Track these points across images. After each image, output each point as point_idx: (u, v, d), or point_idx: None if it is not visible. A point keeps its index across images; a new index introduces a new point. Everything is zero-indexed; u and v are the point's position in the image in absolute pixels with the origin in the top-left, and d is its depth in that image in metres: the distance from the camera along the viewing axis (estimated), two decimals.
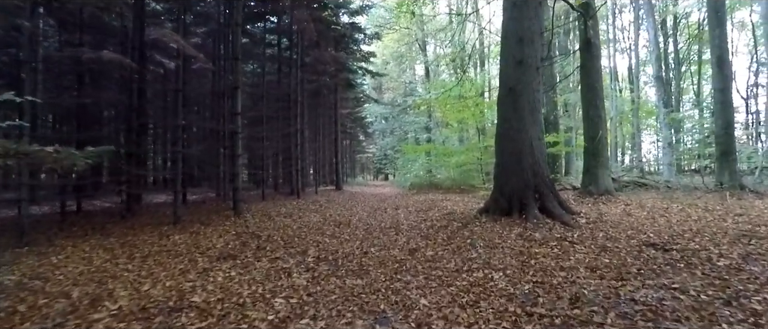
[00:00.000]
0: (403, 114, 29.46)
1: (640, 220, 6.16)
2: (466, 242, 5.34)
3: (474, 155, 15.86)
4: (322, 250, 5.35)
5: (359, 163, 43.53)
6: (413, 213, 8.92)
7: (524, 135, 6.36)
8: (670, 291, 3.15)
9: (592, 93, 9.04)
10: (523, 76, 6.47)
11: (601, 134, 8.84)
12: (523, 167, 6.29)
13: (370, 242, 5.81)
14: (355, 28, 18.08)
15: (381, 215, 8.92)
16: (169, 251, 5.46)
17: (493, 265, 4.22)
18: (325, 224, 7.62)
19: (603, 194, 8.63)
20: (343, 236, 6.37)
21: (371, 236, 6.28)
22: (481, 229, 5.93)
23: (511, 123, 6.49)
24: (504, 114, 6.63)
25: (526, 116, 6.40)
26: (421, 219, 7.74)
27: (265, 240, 6.14)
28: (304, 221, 8.12)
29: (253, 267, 4.54)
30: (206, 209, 10.10)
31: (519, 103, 6.44)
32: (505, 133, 6.56)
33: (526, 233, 5.45)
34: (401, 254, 5.01)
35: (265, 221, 8.08)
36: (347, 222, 7.82)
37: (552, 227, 5.62)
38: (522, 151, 6.32)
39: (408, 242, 5.70)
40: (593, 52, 9.04)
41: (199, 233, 6.81)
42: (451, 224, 6.69)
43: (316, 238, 6.26)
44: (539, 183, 6.23)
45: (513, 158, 6.38)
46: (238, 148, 8.56)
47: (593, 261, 4.15)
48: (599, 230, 5.47)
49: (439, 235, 5.96)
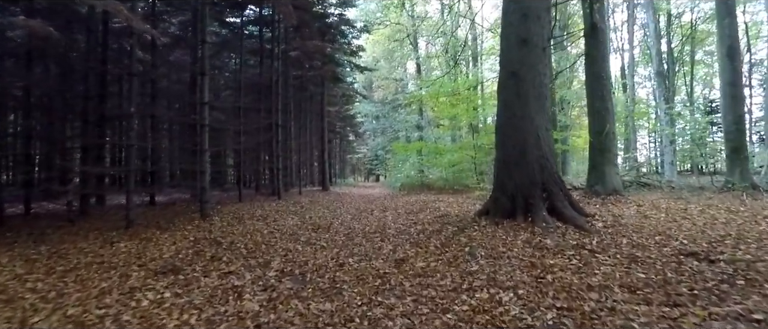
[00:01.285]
0: (394, 112, 28.56)
1: (661, 223, 5.34)
2: (463, 250, 4.45)
3: (467, 153, 15.03)
4: (289, 261, 4.40)
5: (350, 164, 42.51)
6: (402, 216, 8.02)
7: (529, 124, 5.50)
8: (750, 322, 2.30)
9: (598, 83, 8.26)
10: (527, 57, 5.63)
11: (608, 128, 8.06)
12: (528, 160, 5.44)
13: (349, 251, 4.88)
14: (344, 21, 17.15)
15: (366, 217, 8.00)
16: (102, 263, 4.46)
17: (499, 282, 3.33)
18: (302, 229, 6.67)
19: (611, 194, 7.84)
20: (319, 243, 5.43)
21: (352, 243, 5.35)
22: (481, 234, 5.05)
23: (513, 111, 5.63)
24: (506, 101, 5.78)
25: (531, 102, 5.55)
26: (410, 222, 6.84)
27: (225, 248, 5.17)
28: (278, 224, 7.16)
29: (196, 285, 3.58)
30: (172, 212, 9.05)
31: (523, 88, 5.59)
32: (508, 123, 5.70)
33: (534, 240, 4.58)
34: (385, 266, 4.09)
35: (233, 224, 7.09)
36: (327, 226, 6.88)
37: (565, 233, 4.76)
38: (527, 142, 5.47)
39: (394, 250, 4.79)
40: (599, 39, 8.27)
41: (151, 239, 5.80)
42: (445, 228, 5.80)
43: (286, 245, 5.31)
44: (547, 180, 5.38)
45: (516, 151, 5.53)
46: (205, 142, 7.56)
47: (625, 276, 3.29)
48: (621, 235, 4.62)
49: (431, 242, 5.07)
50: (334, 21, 16.26)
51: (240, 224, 7.18)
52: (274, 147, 12.70)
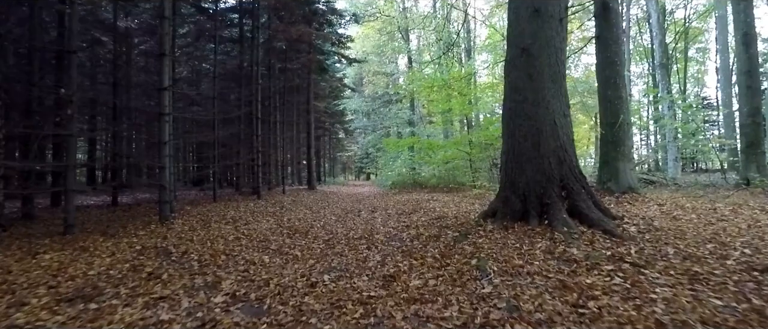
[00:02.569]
0: (384, 107, 27.59)
1: (700, 227, 4.51)
2: (469, 263, 3.54)
3: (462, 149, 14.17)
4: (247, 280, 3.43)
5: (340, 162, 41.44)
6: (393, 217, 7.09)
7: (544, 110, 4.62)
8: None
9: (610, 69, 7.44)
10: (541, 30, 4.74)
11: (622, 118, 7.24)
12: (543, 153, 4.55)
13: (327, 263, 3.93)
14: (331, 10, 16.12)
15: (352, 220, 7.05)
16: (1, 284, 3.42)
17: (526, 314, 2.42)
18: (275, 234, 5.68)
19: (625, 192, 7.02)
20: (291, 253, 4.46)
21: (332, 252, 4.40)
22: (489, 242, 4.14)
23: (525, 95, 4.74)
24: (515, 84, 4.88)
25: (546, 84, 4.67)
26: (402, 226, 5.92)
27: (173, 261, 4.17)
28: (249, 228, 6.16)
29: (107, 320, 2.59)
30: (132, 214, 7.97)
31: (536, 67, 4.70)
32: (518, 109, 4.80)
33: (557, 249, 3.69)
34: (371, 285, 3.16)
35: (195, 229, 6.06)
36: (306, 231, 5.91)
37: (592, 240, 3.88)
38: (541, 132, 4.59)
39: (383, 262, 3.86)
40: (612, 20, 7.44)
41: (88, 249, 4.77)
42: (444, 233, 4.88)
43: (251, 256, 4.33)
44: (566, 175, 4.51)
45: (529, 142, 4.64)
46: (165, 134, 6.51)
47: (697, 303, 2.40)
48: (662, 243, 3.76)
49: (428, 251, 4.15)
50: (320, 8, 15.25)
51: (204, 228, 6.16)
52: (254, 142, 11.65)
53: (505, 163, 4.93)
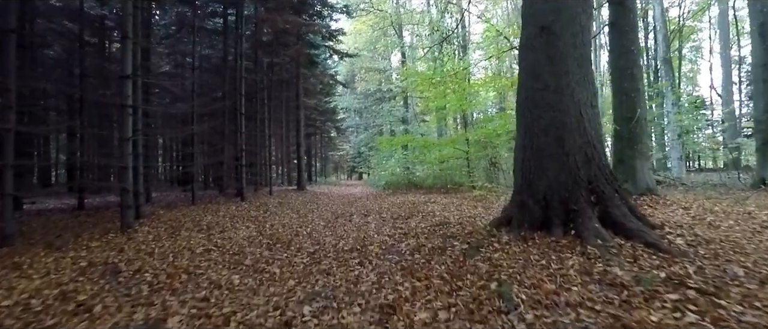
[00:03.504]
0: (377, 105, 26.80)
1: (751, 237, 3.84)
2: (488, 287, 2.81)
3: (459, 148, 13.48)
4: (202, 314, 2.65)
5: (332, 161, 40.58)
6: (388, 222, 6.35)
7: (568, 100, 3.92)
8: None
9: (626, 59, 6.80)
10: (564, 5, 4.04)
11: (639, 113, 6.59)
12: (567, 150, 3.85)
13: (309, 286, 3.17)
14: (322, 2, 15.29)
15: (343, 226, 6.29)
16: None
17: None
18: (253, 244, 4.90)
19: (644, 194, 6.38)
20: (268, 271, 3.70)
21: (317, 270, 3.64)
22: (507, 257, 3.42)
23: (544, 81, 4.03)
24: (533, 68, 4.17)
25: (570, 68, 3.97)
26: (400, 234, 5.17)
27: (119, 283, 3.38)
28: (224, 237, 5.36)
29: None
30: (94, 220, 7.10)
31: (558, 48, 4.00)
32: (536, 97, 4.09)
33: (594, 268, 2.98)
34: (364, 321, 2.42)
35: (160, 239, 5.25)
36: (289, 240, 5.14)
37: (635, 255, 3.18)
38: (565, 125, 3.88)
39: (379, 283, 3.12)
40: (627, 5, 6.80)
41: (22, 266, 3.94)
42: (450, 244, 4.15)
43: (217, 275, 3.55)
44: (596, 177, 3.81)
45: (550, 138, 3.93)
46: (127, 129, 5.67)
47: None
48: (722, 259, 3.07)
49: (433, 267, 3.42)
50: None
51: (171, 238, 5.34)
52: (238, 140, 10.82)
53: (520, 162, 4.22)
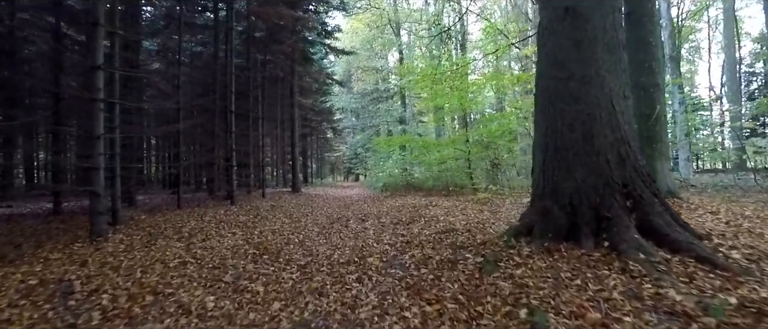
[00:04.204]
0: (374, 105, 26.26)
1: None
2: (516, 315, 2.28)
3: (459, 148, 12.97)
4: None
5: (328, 162, 39.98)
6: (389, 228, 5.80)
7: (597, 90, 3.41)
8: None
9: (645, 52, 6.33)
10: None
11: (659, 110, 6.12)
12: (597, 148, 3.34)
13: (298, 311, 2.63)
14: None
15: (338, 232, 5.73)
16: None
17: None
18: (237, 255, 4.33)
19: (665, 197, 5.87)
20: (250, 289, 3.14)
21: (308, 288, 3.09)
22: (532, 274, 2.89)
23: (569, 70, 3.52)
24: (555, 55, 3.66)
25: (599, 54, 3.46)
26: (402, 243, 4.63)
27: (67, 309, 2.81)
28: (205, 247, 4.79)
29: None
30: (66, 227, 6.49)
31: (586, 32, 3.49)
32: (560, 88, 3.57)
33: (642, 289, 2.45)
34: None
35: (134, 249, 4.67)
36: (277, 250, 4.57)
37: (689, 272, 2.66)
38: (594, 118, 3.37)
39: (381, 308, 2.58)
40: None
41: None
42: (461, 256, 3.61)
43: (189, 295, 3.00)
44: (632, 178, 3.30)
45: (577, 133, 3.41)
46: (99, 126, 5.09)
47: None
48: None
49: (444, 287, 2.88)
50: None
51: (145, 247, 4.76)
52: (227, 140, 10.23)
53: (542, 162, 3.69)
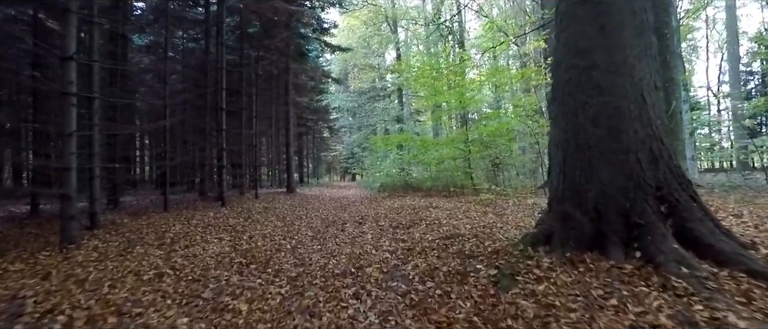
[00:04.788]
0: (371, 103, 25.82)
1: None
2: None
3: (459, 147, 12.59)
4: None
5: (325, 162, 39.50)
6: (387, 233, 5.39)
7: (625, 80, 3.03)
8: None
9: (660, 44, 5.98)
10: None
11: (675, 106, 5.77)
12: (626, 145, 2.96)
13: None
14: None
15: (334, 237, 5.31)
16: None
17: None
18: (221, 265, 3.90)
19: None
20: (231, 308, 2.73)
21: (298, 307, 2.68)
22: (556, 291, 2.50)
23: (592, 57, 3.13)
24: (575, 42, 3.27)
25: (626, 40, 3.08)
26: (403, 250, 4.22)
27: None
28: (187, 255, 4.36)
29: None
30: (40, 231, 6.02)
31: (611, 14, 3.11)
32: (581, 79, 3.17)
33: (693, 311, 2.07)
34: None
35: (107, 258, 4.23)
36: (267, 258, 4.15)
37: (743, 290, 2.28)
38: (622, 112, 2.99)
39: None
40: None
41: None
42: (472, 268, 3.21)
43: (159, 317, 2.58)
44: (666, 180, 2.92)
45: (602, 129, 3.03)
46: (70, 122, 4.65)
47: None
48: None
49: (455, 306, 2.48)
50: None
51: (120, 256, 4.32)
52: (218, 138, 9.78)
53: (560, 162, 3.30)
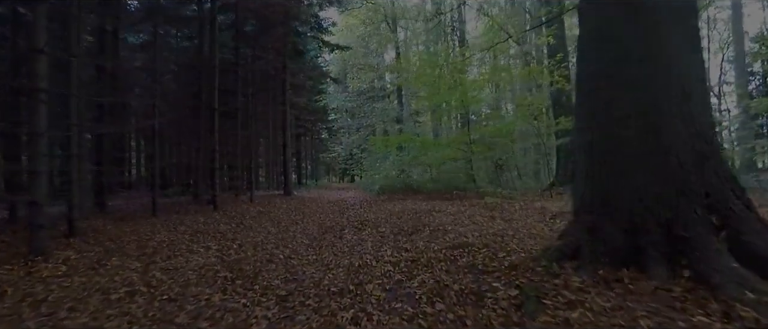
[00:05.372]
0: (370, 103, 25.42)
1: None
2: None
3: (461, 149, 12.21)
4: None
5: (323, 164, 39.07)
6: (389, 240, 4.99)
7: (663, 72, 2.64)
8: None
9: None
10: None
11: None
12: (666, 147, 2.56)
13: None
14: None
15: (332, 246, 4.90)
16: None
17: None
18: (203, 280, 3.49)
19: None
20: None
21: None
22: (593, 318, 2.10)
23: (624, 46, 2.73)
24: (602, 30, 2.86)
25: (665, 26, 2.69)
26: (407, 261, 3.81)
27: None
28: (167, 268, 3.94)
29: None
30: (12, 240, 5.58)
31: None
32: (611, 72, 2.76)
33: None
34: None
35: (77, 272, 3.81)
36: (256, 272, 3.74)
37: None
38: (660, 109, 2.60)
39: None
40: None
41: None
42: (487, 285, 2.81)
43: None
44: (715, 186, 2.52)
45: (634, 129, 2.62)
46: (39, 121, 4.23)
47: None
48: None
49: None
50: None
51: (92, 270, 3.90)
52: (210, 139, 9.37)
53: (587, 165, 2.89)
